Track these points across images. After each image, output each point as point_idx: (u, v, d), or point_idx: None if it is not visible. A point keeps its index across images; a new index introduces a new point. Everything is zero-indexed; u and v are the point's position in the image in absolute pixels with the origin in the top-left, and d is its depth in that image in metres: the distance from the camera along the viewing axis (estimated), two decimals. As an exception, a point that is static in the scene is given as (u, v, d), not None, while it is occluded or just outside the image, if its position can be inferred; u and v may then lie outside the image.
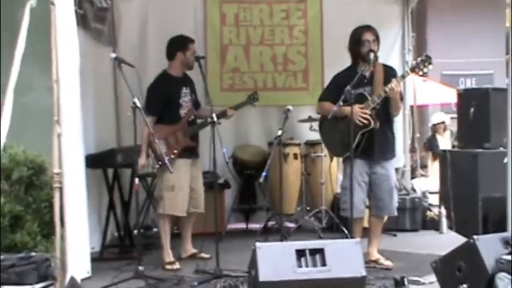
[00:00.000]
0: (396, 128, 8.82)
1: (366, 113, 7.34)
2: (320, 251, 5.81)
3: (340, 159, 8.48)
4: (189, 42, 8.19)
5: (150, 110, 7.70)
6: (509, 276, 5.82)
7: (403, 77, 7.80)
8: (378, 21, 8.26)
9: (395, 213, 7.99)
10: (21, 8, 6.60)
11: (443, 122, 13.85)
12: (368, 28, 7.72)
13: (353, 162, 7.31)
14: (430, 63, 7.50)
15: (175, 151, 7.80)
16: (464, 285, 5.98)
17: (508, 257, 6.00)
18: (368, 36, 7.62)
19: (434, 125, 14.14)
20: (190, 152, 8.05)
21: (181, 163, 7.85)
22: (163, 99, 7.93)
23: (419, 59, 7.58)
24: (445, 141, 13.55)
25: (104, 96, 9.20)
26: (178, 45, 8.16)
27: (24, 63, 6.59)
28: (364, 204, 7.76)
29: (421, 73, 7.82)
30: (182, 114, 8.06)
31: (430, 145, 13.93)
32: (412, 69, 7.62)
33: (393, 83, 7.36)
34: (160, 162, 7.68)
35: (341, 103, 7.31)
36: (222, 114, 8.09)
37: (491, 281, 5.87)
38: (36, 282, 6.10)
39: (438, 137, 13.83)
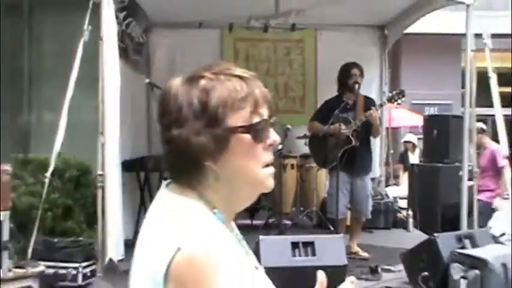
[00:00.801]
0: (374, 145, 8.91)
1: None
2: (311, 244, 5.90)
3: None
4: None
5: None
6: (461, 266, 5.91)
7: (381, 105, 7.98)
8: (361, 59, 8.26)
9: (370, 216, 8.07)
10: (76, 42, 6.70)
11: (410, 141, 13.92)
12: (355, 64, 7.81)
13: (338, 174, 7.40)
14: (403, 96, 7.66)
15: None
16: (426, 273, 6.06)
17: (460, 251, 6.09)
18: (355, 71, 7.72)
19: (405, 142, 14.24)
20: None
21: None
22: None
23: (394, 92, 7.73)
24: (415, 157, 13.58)
25: (138, 113, 9.16)
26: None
27: (77, 86, 6.70)
28: (346, 208, 7.83)
29: (395, 103, 7.93)
30: None
31: (402, 159, 13.98)
32: (389, 100, 7.78)
33: (372, 111, 7.47)
34: None
35: (330, 125, 7.45)
36: None
37: (446, 270, 5.96)
38: (83, 261, 6.12)
39: (409, 153, 13.89)
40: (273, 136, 1.60)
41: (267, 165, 1.58)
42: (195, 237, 1.43)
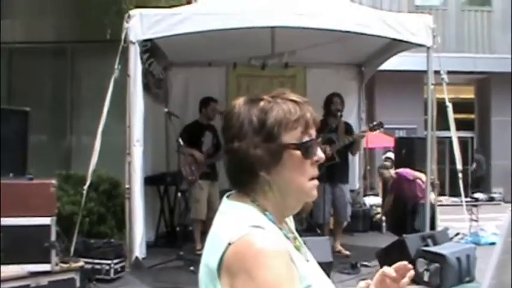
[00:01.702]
0: (353, 162, 8.97)
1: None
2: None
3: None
4: (209, 101, 8.25)
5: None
6: (424, 261, 5.96)
7: (364, 132, 8.12)
8: (342, 91, 8.31)
9: (349, 219, 8.10)
10: (108, 79, 6.78)
11: (390, 158, 13.91)
12: (337, 94, 7.91)
13: (323, 186, 7.44)
14: (382, 127, 7.89)
15: (196, 174, 7.77)
16: (396, 267, 6.10)
17: (424, 248, 6.14)
18: (336, 100, 7.83)
19: (386, 158, 14.16)
20: (208, 175, 7.99)
21: (202, 183, 7.81)
22: (189, 137, 7.94)
23: (375, 123, 7.96)
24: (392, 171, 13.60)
25: (159, 138, 9.19)
26: (202, 103, 8.28)
27: (109, 114, 6.77)
28: (329, 214, 7.86)
29: (375, 132, 8.14)
30: (203, 149, 8.10)
31: (380, 173, 13.99)
32: (370, 129, 7.93)
33: (356, 135, 7.82)
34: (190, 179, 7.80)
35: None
36: None
37: (413, 264, 5.98)
38: (114, 258, 6.15)
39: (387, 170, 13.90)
40: (319, 154, 1.59)
41: (313, 179, 1.58)
42: (243, 231, 1.41)
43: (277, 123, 1.51)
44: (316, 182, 1.59)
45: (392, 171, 10.47)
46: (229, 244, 1.39)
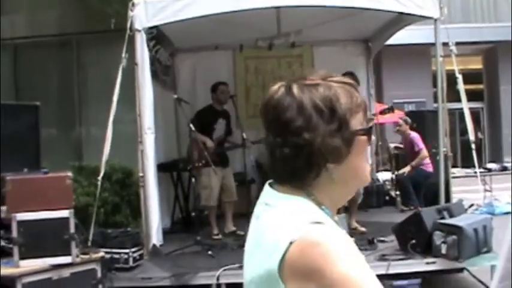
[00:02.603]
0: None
1: None
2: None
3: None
4: (218, 85, 8.18)
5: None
6: (441, 233, 5.96)
7: (374, 115, 8.22)
8: (350, 68, 8.19)
9: (361, 197, 7.98)
10: (116, 68, 6.77)
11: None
12: (350, 73, 7.79)
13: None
14: (392, 111, 8.05)
15: (203, 161, 7.49)
16: (413, 241, 6.12)
17: (440, 221, 6.14)
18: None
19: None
20: (218, 162, 7.78)
21: (210, 170, 7.50)
22: (201, 123, 7.88)
23: (387, 108, 8.10)
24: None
25: (169, 124, 9.23)
26: (212, 88, 8.22)
27: (118, 104, 6.77)
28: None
29: (385, 115, 8.61)
30: (214, 137, 8.01)
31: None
32: (381, 112, 8.00)
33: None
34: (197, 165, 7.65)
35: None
36: (244, 145, 8.07)
37: (430, 237, 6.02)
38: (132, 247, 6.17)
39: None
40: (373, 137, 1.53)
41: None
42: (305, 229, 1.32)
43: (348, 110, 1.43)
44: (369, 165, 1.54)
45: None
46: (291, 243, 1.30)
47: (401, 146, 10.50)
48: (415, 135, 9.59)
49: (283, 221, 1.38)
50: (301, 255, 1.29)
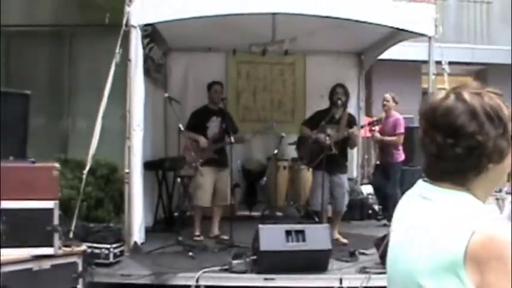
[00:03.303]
0: (353, 152, 8.99)
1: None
2: (302, 232, 5.99)
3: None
4: (213, 84, 8.14)
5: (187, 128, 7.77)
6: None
7: (362, 127, 8.29)
8: (342, 80, 8.26)
9: (345, 209, 7.98)
10: (109, 63, 6.76)
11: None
12: (340, 85, 7.87)
13: (323, 174, 7.47)
14: (379, 124, 8.31)
15: (200, 160, 7.47)
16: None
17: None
18: (338, 90, 7.76)
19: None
20: (215, 162, 7.86)
21: (206, 170, 7.60)
22: (194, 122, 7.95)
23: (374, 120, 8.08)
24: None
25: (158, 122, 9.20)
26: (208, 86, 8.17)
27: (107, 99, 6.72)
28: (327, 202, 7.85)
29: (373, 128, 8.62)
30: (208, 135, 7.97)
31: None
32: (369, 124, 8.01)
33: (354, 130, 7.64)
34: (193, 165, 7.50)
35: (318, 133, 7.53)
36: (240, 140, 8.07)
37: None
38: (113, 243, 6.14)
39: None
40: None
41: None
42: (483, 221, 1.54)
43: (508, 118, 1.64)
44: None
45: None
46: (474, 233, 1.50)
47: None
48: (399, 117, 9.44)
49: (461, 214, 1.58)
50: (483, 245, 1.49)
